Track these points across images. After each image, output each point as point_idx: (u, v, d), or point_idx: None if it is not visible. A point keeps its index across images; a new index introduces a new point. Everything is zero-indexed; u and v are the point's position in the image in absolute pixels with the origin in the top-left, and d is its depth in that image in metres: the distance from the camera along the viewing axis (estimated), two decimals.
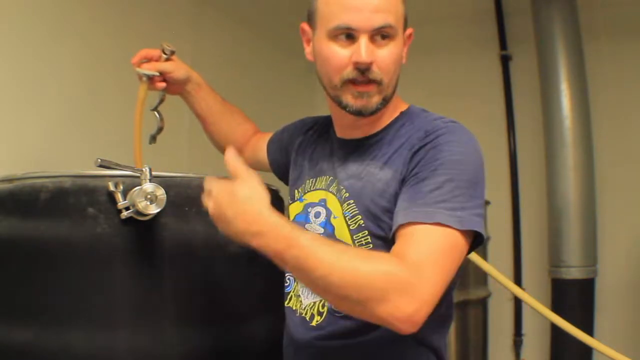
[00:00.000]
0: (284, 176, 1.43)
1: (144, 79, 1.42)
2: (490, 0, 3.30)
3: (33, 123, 1.80)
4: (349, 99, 1.14)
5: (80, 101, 1.97)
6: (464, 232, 1.03)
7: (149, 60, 1.44)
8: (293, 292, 1.25)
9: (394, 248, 1.03)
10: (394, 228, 1.06)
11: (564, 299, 2.88)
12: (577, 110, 2.91)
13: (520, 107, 3.26)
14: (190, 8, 2.49)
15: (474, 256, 2.24)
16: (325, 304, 1.17)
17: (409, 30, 1.19)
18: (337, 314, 1.15)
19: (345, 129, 1.24)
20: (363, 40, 1.09)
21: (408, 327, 0.97)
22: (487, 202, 2.94)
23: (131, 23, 2.19)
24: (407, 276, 0.96)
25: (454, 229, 1.02)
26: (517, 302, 3.20)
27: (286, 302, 1.26)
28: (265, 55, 2.91)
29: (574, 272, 2.86)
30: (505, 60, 3.29)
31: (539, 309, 2.26)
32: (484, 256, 2.77)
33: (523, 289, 2.65)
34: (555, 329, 2.72)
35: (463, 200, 1.05)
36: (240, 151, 1.58)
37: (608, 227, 3.00)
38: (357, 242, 1.13)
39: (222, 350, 1.23)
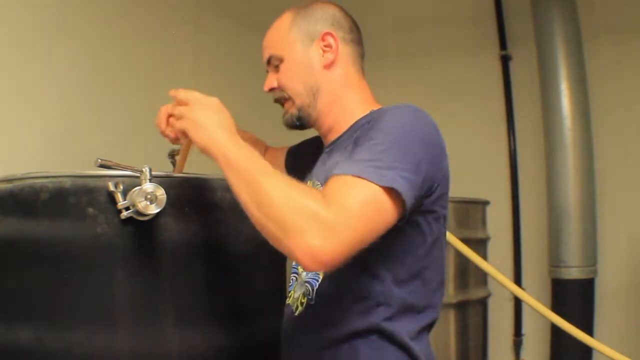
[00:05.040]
0: None
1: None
2: (490, 0, 3.30)
3: (33, 123, 1.81)
4: None
5: (81, 101, 1.97)
6: (388, 191, 1.04)
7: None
8: (293, 289, 1.29)
9: (323, 190, 1.05)
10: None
11: (564, 299, 2.89)
12: (577, 110, 2.91)
13: (520, 107, 3.26)
14: (190, 8, 2.50)
15: (474, 256, 2.24)
16: (306, 295, 1.22)
17: (320, 35, 1.29)
18: (310, 303, 1.20)
19: (324, 137, 1.34)
20: (268, 74, 1.34)
21: (311, 263, 0.97)
22: (487, 202, 2.94)
23: (131, 23, 2.19)
24: (331, 217, 0.98)
25: (377, 184, 1.03)
26: (517, 302, 3.20)
27: (287, 300, 1.31)
28: None
29: (574, 272, 2.86)
30: (505, 60, 3.29)
31: (539, 309, 2.27)
32: (484, 256, 2.77)
33: (523, 289, 2.66)
34: (555, 329, 2.73)
35: (392, 161, 1.06)
36: None
37: (608, 227, 3.00)
38: None
39: (222, 350, 1.22)
